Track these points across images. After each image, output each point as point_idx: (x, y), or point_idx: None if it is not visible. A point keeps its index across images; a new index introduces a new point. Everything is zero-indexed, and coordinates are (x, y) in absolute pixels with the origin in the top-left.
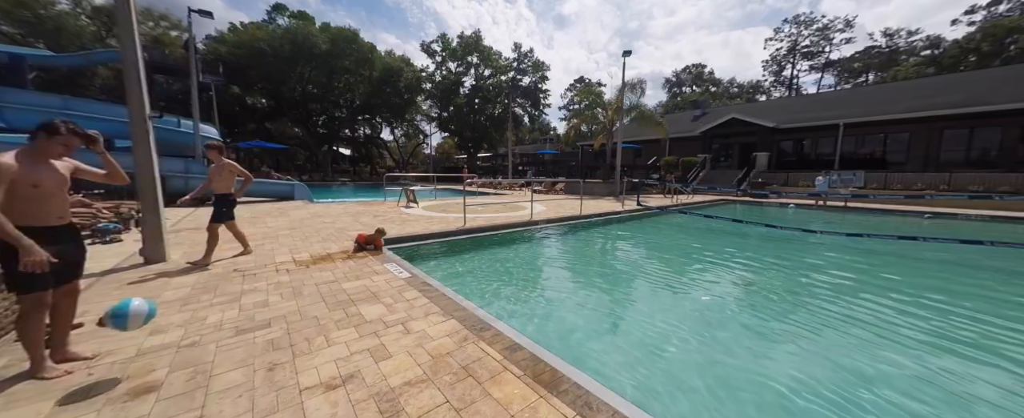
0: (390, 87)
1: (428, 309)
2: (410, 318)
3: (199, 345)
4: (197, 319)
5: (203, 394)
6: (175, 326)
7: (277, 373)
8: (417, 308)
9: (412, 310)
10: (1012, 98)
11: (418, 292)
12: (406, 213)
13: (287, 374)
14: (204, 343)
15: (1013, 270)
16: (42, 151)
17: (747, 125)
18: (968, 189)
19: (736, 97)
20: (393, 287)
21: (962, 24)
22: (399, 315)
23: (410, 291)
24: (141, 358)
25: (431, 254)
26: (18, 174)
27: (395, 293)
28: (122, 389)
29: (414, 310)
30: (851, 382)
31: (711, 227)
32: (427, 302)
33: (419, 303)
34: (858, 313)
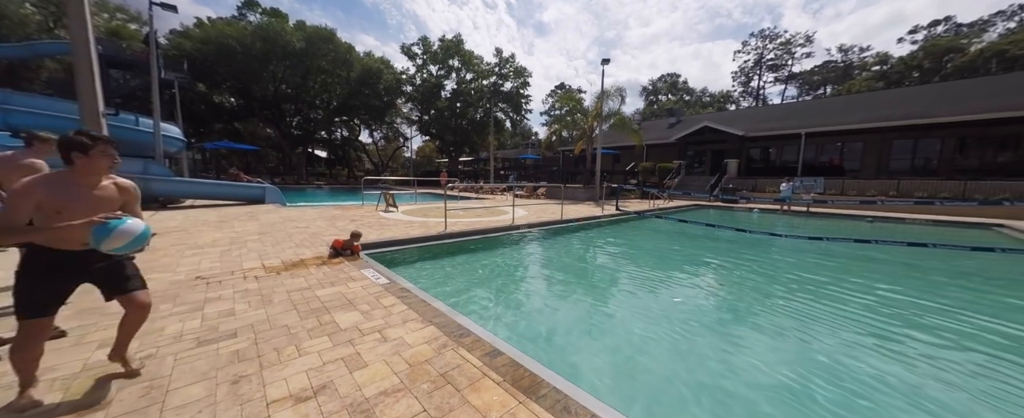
0: (369, 89)
1: (406, 316)
2: (387, 325)
3: (155, 358)
4: (153, 330)
5: (158, 411)
6: None
7: (242, 386)
8: (395, 315)
9: (389, 317)
10: (949, 112)
11: (396, 298)
12: (385, 217)
13: (253, 387)
14: (161, 356)
15: (951, 269)
16: (80, 171)
17: (718, 133)
18: (914, 195)
19: (709, 106)
20: (370, 294)
21: (906, 42)
22: (376, 322)
23: (388, 297)
24: (87, 373)
25: (411, 259)
26: (42, 198)
27: (372, 300)
28: (64, 409)
29: (392, 317)
30: (812, 373)
31: (686, 231)
32: (405, 309)
33: (397, 310)
34: (817, 310)
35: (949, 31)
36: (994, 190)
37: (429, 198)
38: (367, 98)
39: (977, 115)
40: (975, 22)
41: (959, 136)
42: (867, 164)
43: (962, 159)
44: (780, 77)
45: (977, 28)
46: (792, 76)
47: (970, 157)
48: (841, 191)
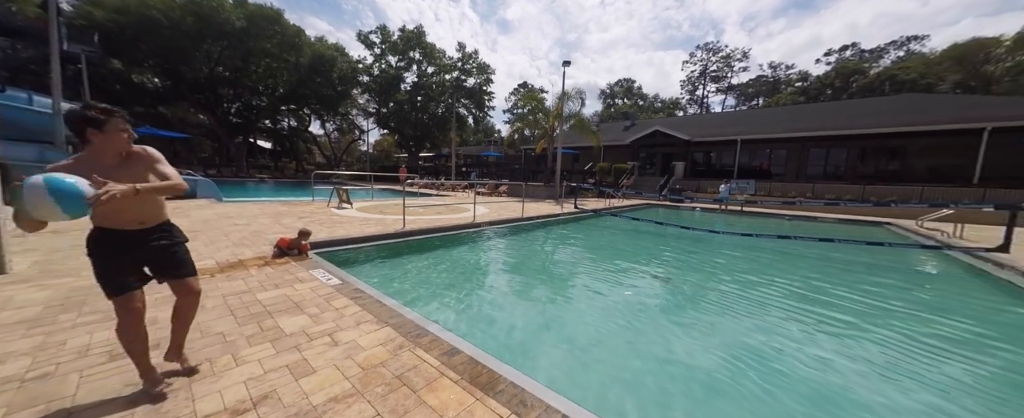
0: (321, 77)
1: (360, 317)
2: (339, 329)
3: (54, 377)
4: (52, 344)
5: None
6: (19, 355)
7: (166, 403)
8: (347, 317)
9: (341, 320)
10: (853, 125)
11: (349, 300)
12: (338, 215)
13: (180, 402)
14: (62, 373)
15: (852, 261)
16: (100, 150)
17: (668, 137)
18: (825, 197)
19: (660, 111)
20: (320, 296)
21: (822, 63)
22: (326, 326)
23: (340, 299)
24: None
25: (366, 259)
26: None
27: (322, 302)
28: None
29: (344, 320)
30: (745, 354)
31: (638, 229)
32: (359, 310)
33: (350, 312)
34: (748, 297)
35: (855, 55)
36: (885, 193)
37: (387, 194)
38: (318, 86)
39: (872, 129)
40: (874, 49)
41: (860, 147)
42: (790, 169)
43: (862, 166)
44: (721, 88)
45: (876, 54)
46: (731, 87)
47: (868, 165)
48: (768, 193)
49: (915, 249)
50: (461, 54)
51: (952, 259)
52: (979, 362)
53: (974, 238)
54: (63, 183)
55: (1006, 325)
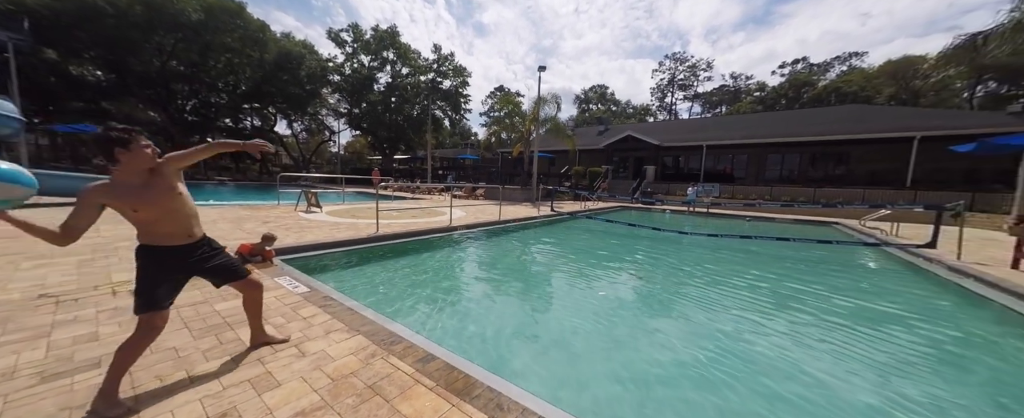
0: (287, 74)
1: (329, 326)
2: (306, 338)
3: None
4: None
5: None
6: None
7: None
8: (316, 326)
9: (309, 329)
10: (804, 133)
11: (318, 308)
12: (306, 219)
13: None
14: None
15: (804, 257)
16: (130, 167)
17: (639, 142)
18: (781, 199)
19: (632, 117)
20: (286, 304)
21: (777, 75)
22: (293, 336)
23: (307, 308)
24: None
25: (336, 265)
26: (112, 201)
27: (288, 311)
28: None
29: (312, 329)
30: (713, 347)
31: (612, 230)
32: (329, 319)
33: (318, 320)
34: (714, 294)
35: (805, 68)
36: (833, 196)
37: (360, 198)
38: (285, 85)
39: (820, 137)
40: (822, 63)
41: (811, 153)
42: (750, 173)
43: (813, 171)
44: (688, 95)
45: (823, 67)
46: (697, 95)
47: (818, 169)
48: (732, 195)
49: (859, 246)
50: (437, 56)
51: (890, 255)
52: (906, 338)
53: (908, 236)
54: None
55: (929, 310)
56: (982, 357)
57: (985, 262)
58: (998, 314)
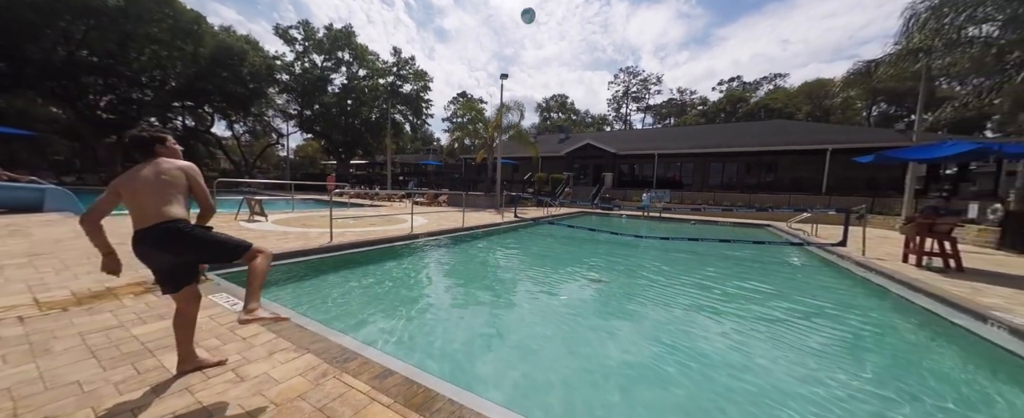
0: (227, 71)
1: (274, 346)
2: (246, 361)
3: None
4: None
5: None
6: None
7: None
8: (257, 347)
9: (250, 350)
10: (740, 144)
11: (260, 327)
12: (249, 229)
13: None
14: None
15: (743, 257)
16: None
17: (598, 150)
18: (722, 204)
19: (590, 126)
20: (221, 324)
21: (717, 91)
22: (230, 359)
23: (248, 327)
24: None
25: (284, 278)
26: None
27: (224, 332)
28: None
29: (253, 350)
30: (669, 342)
31: (573, 236)
32: (273, 337)
33: (261, 340)
34: (667, 292)
35: (739, 86)
36: (765, 201)
37: (312, 205)
38: (224, 82)
39: (753, 148)
40: (753, 82)
41: (746, 162)
42: (696, 180)
43: (749, 178)
44: (641, 107)
45: (754, 86)
46: (649, 107)
47: (753, 177)
48: (681, 201)
49: (786, 245)
50: (396, 59)
51: (811, 253)
52: (825, 323)
53: (825, 236)
54: None
55: (839, 298)
56: (881, 336)
57: (883, 257)
58: (893, 300)
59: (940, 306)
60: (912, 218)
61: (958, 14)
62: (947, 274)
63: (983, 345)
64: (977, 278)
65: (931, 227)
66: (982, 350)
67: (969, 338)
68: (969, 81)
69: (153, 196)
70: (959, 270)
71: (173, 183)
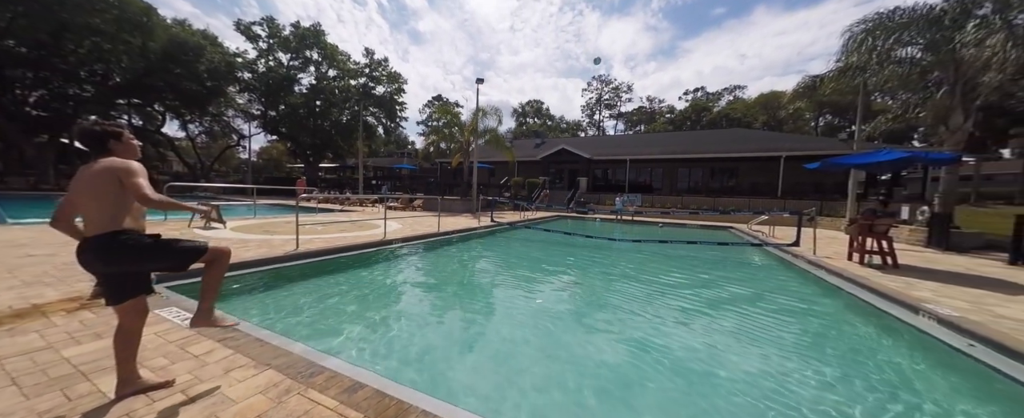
0: (182, 67)
1: (231, 363)
2: (198, 381)
3: None
4: None
5: None
6: None
7: None
8: (212, 365)
9: (203, 369)
10: (705, 151)
11: (215, 342)
12: (204, 237)
13: None
14: None
15: (708, 257)
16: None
17: (573, 155)
18: (690, 207)
19: (565, 132)
20: (170, 341)
21: (683, 100)
22: (179, 379)
23: (201, 343)
24: None
25: (243, 289)
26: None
27: (173, 350)
28: None
29: (206, 369)
30: (643, 340)
31: (549, 239)
32: (230, 354)
33: (216, 357)
34: (640, 291)
35: (703, 96)
36: (728, 204)
37: (276, 211)
38: (177, 79)
39: (716, 154)
40: (715, 92)
41: (711, 167)
42: (666, 184)
43: (713, 183)
44: (613, 114)
45: (716, 96)
46: (621, 114)
47: (716, 181)
48: (652, 204)
49: (747, 246)
50: (369, 60)
51: (769, 253)
52: (777, 316)
53: (781, 236)
54: None
55: (793, 294)
56: (829, 327)
57: (831, 256)
58: (839, 295)
59: (879, 299)
60: (854, 220)
61: (888, 37)
62: (885, 270)
63: (914, 333)
64: (910, 274)
65: (870, 228)
66: (913, 337)
67: (903, 327)
68: (899, 96)
69: (91, 201)
70: (895, 267)
71: (105, 187)
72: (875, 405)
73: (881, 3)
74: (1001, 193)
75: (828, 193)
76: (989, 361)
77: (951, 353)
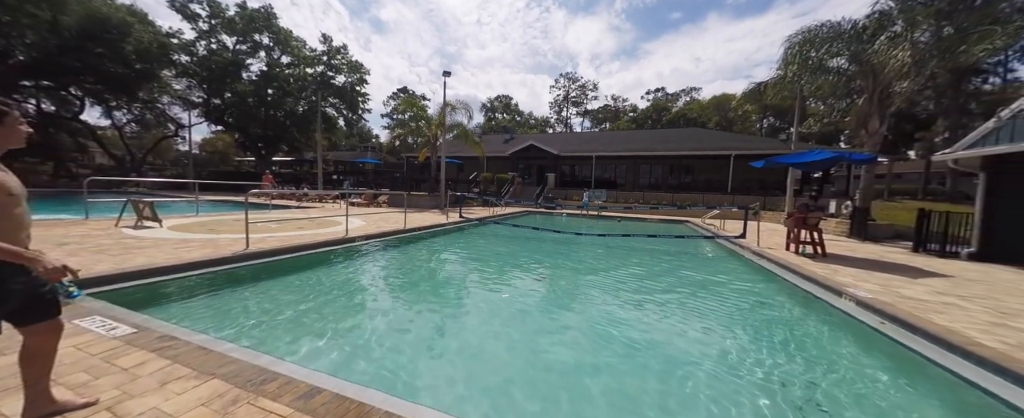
0: (104, 47)
1: (168, 374)
2: (128, 396)
3: None
4: None
5: None
6: None
7: None
8: (145, 378)
9: (134, 383)
10: (664, 148)
11: (150, 353)
12: (135, 237)
13: None
14: None
15: (667, 249)
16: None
17: (541, 151)
18: (651, 203)
19: (534, 128)
20: (93, 354)
21: (645, 99)
22: (105, 396)
23: (133, 354)
24: None
25: (184, 294)
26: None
27: (98, 364)
28: None
29: (138, 382)
30: (610, 330)
31: (518, 235)
32: (167, 364)
33: (150, 369)
34: (604, 282)
35: (663, 96)
36: (685, 200)
37: (223, 208)
38: (99, 59)
39: (674, 152)
40: (674, 93)
41: (669, 164)
42: (629, 180)
43: (671, 179)
44: (580, 111)
45: (675, 97)
46: (587, 112)
47: (674, 178)
48: (616, 200)
49: (701, 239)
50: (327, 47)
51: (720, 244)
52: (731, 299)
53: (730, 229)
54: None
55: (741, 280)
56: (769, 308)
57: (772, 247)
58: (778, 281)
59: (809, 284)
60: (791, 214)
61: (820, 48)
62: (815, 259)
63: (838, 313)
64: (835, 261)
65: (804, 221)
66: (836, 317)
67: (828, 308)
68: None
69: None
70: (824, 255)
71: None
72: (801, 372)
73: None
74: (908, 189)
75: (771, 189)
76: (896, 337)
77: (867, 331)
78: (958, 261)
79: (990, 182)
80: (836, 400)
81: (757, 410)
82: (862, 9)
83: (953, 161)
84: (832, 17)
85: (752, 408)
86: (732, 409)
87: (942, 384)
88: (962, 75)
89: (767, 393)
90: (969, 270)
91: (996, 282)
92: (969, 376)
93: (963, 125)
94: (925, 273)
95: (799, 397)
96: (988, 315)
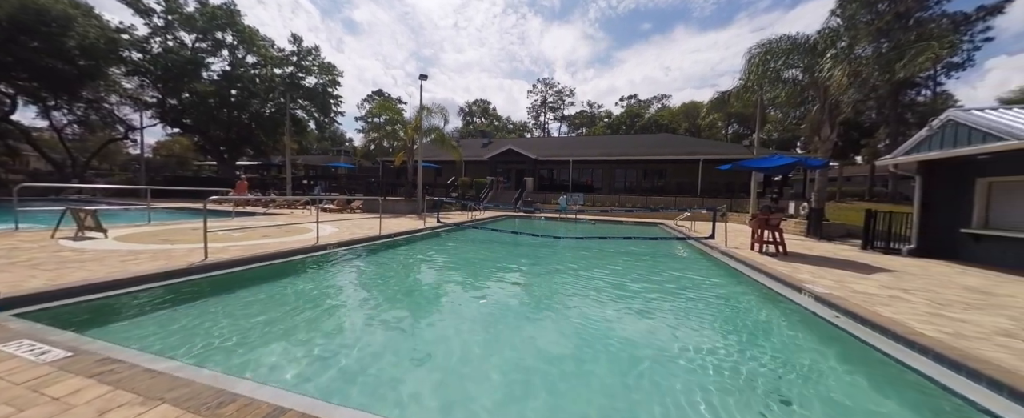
0: (40, 41)
1: (108, 402)
2: None
3: None
4: None
5: None
6: None
7: None
8: (81, 406)
9: (67, 414)
10: (638, 153)
11: (88, 378)
12: (74, 249)
13: None
14: None
15: (642, 251)
16: None
17: (519, 155)
18: (626, 206)
19: (512, 132)
20: (19, 383)
21: (619, 106)
22: None
23: (67, 381)
24: None
25: (132, 312)
26: None
27: (24, 393)
28: None
29: (73, 412)
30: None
31: (497, 239)
32: (107, 391)
33: (87, 396)
34: (581, 283)
35: (636, 103)
36: (658, 202)
37: (179, 216)
38: (34, 54)
39: (647, 156)
40: (646, 100)
41: (643, 168)
42: (605, 184)
43: (645, 182)
44: (557, 116)
45: (647, 103)
46: (564, 117)
47: (648, 182)
48: (593, 203)
49: (673, 240)
50: (297, 48)
51: (691, 245)
52: (697, 297)
53: (700, 231)
54: None
55: (709, 278)
56: (735, 305)
57: (738, 247)
58: (743, 279)
59: (772, 282)
60: (755, 215)
61: (778, 59)
62: (777, 257)
63: (797, 308)
64: (795, 260)
65: (766, 221)
66: (796, 311)
67: (789, 304)
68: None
69: None
70: (785, 254)
71: None
72: (767, 362)
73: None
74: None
75: (737, 192)
76: (849, 329)
77: (824, 324)
78: (900, 257)
79: (925, 184)
80: (796, 387)
81: (723, 400)
82: (814, 25)
83: (893, 165)
84: (789, 30)
85: (720, 398)
86: (700, 396)
87: (889, 370)
88: (899, 88)
89: (734, 382)
90: (910, 265)
91: (933, 276)
92: (912, 363)
93: (902, 133)
94: (873, 269)
95: (763, 386)
96: (927, 306)
